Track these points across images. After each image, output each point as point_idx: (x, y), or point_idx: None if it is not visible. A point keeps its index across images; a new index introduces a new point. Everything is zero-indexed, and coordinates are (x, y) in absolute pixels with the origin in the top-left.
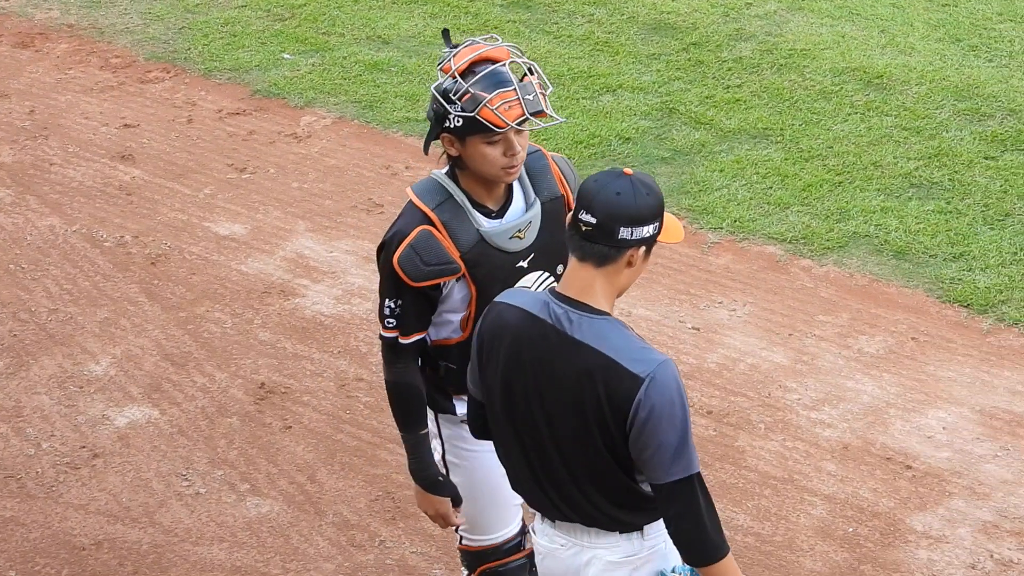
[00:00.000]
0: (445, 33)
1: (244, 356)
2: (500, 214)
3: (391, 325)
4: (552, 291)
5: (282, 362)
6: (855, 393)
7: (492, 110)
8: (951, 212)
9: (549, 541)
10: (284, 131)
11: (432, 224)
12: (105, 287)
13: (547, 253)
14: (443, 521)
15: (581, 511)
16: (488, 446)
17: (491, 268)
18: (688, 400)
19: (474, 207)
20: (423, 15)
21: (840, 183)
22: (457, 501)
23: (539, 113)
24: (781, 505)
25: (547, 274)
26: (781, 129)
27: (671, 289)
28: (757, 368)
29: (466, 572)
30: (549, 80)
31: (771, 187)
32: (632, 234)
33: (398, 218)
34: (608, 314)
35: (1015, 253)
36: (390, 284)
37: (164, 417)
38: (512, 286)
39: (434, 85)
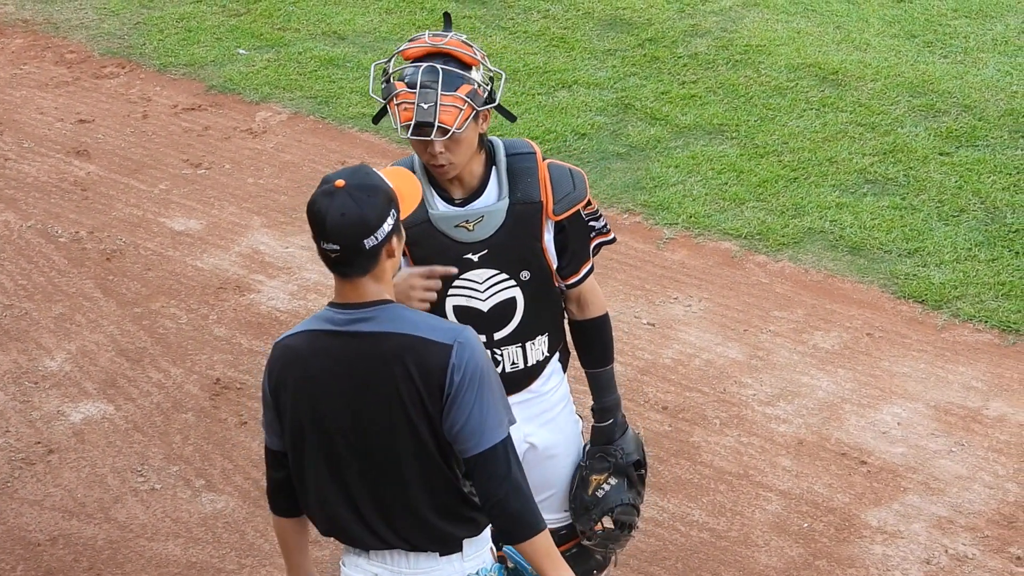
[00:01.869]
0: (446, 16)
1: (199, 352)
2: (465, 203)
3: None
4: (331, 305)
5: (237, 357)
6: (810, 389)
7: (396, 105)
8: (906, 208)
9: (362, 574)
10: (239, 127)
11: None
12: (60, 283)
13: (506, 254)
14: None
15: (405, 533)
16: None
17: (432, 251)
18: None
19: (436, 190)
20: (379, 11)
21: (795, 179)
22: None
23: (424, 124)
24: (736, 500)
25: (502, 275)
26: (736, 125)
27: (626, 285)
28: (712, 364)
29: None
30: (503, 82)
31: (726, 183)
32: (377, 238)
33: None
34: (392, 301)
35: (969, 249)
36: None
37: (119, 413)
38: (455, 277)
39: (377, 61)
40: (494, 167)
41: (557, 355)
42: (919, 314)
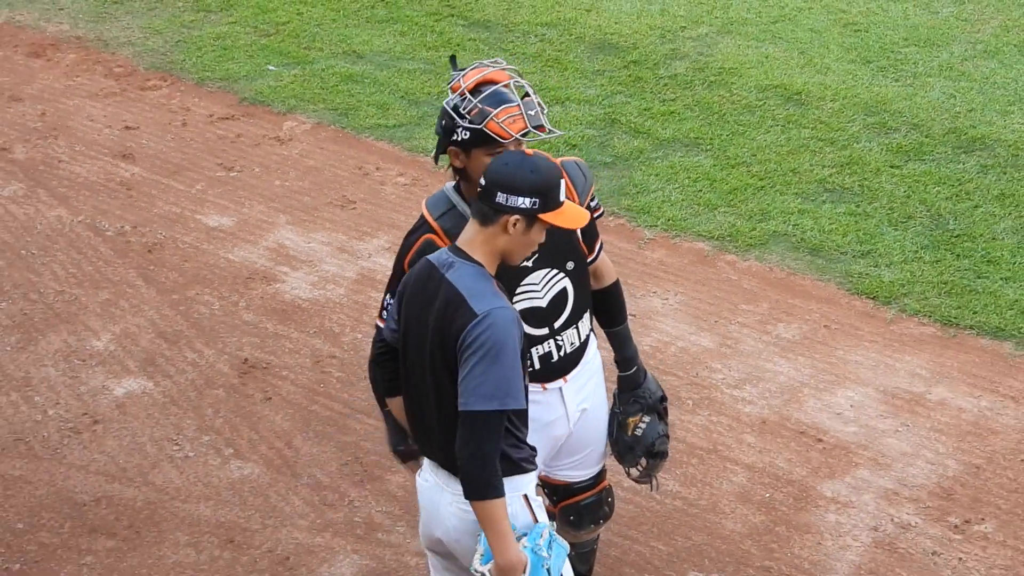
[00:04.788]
0: (452, 59)
1: (230, 335)
2: None
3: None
4: (452, 244)
5: (264, 340)
6: (773, 374)
7: (498, 123)
8: (860, 214)
9: (422, 479)
10: (268, 134)
11: (435, 233)
12: (106, 271)
13: (551, 252)
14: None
15: (439, 454)
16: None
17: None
18: (518, 352)
19: None
20: (393, 33)
21: (762, 187)
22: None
23: (539, 127)
24: (706, 473)
25: (555, 271)
26: (711, 139)
27: None
28: (686, 351)
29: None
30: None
31: (701, 190)
32: (507, 200)
33: (412, 227)
34: (482, 265)
35: (916, 251)
36: (397, 282)
37: (158, 388)
38: (517, 284)
39: (445, 101)
40: None
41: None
42: (871, 309)
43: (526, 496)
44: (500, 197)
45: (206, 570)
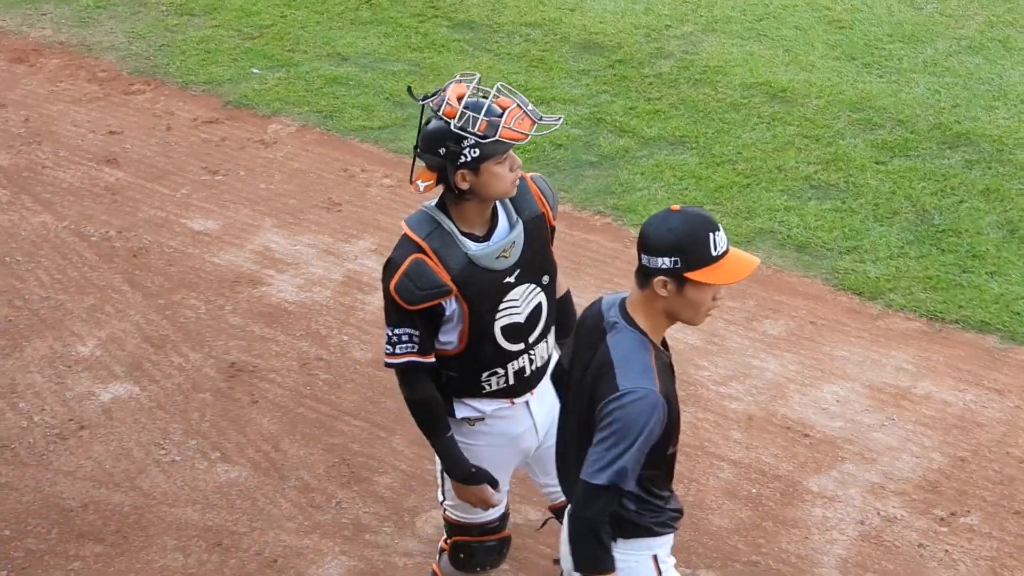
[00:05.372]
0: (410, 90)
1: (216, 338)
2: (486, 237)
3: (399, 350)
4: (624, 299)
5: (250, 344)
6: (759, 370)
7: (510, 128)
8: (846, 211)
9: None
10: (253, 138)
11: (423, 252)
12: (92, 277)
13: (531, 267)
14: (485, 505)
15: (574, 489)
16: (483, 440)
17: (480, 286)
18: (650, 438)
19: (461, 234)
20: (378, 35)
21: (748, 185)
22: (493, 484)
23: (540, 118)
24: (693, 469)
25: (534, 285)
26: (696, 137)
27: (597, 279)
28: (672, 348)
29: (444, 537)
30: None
31: (687, 188)
32: (649, 262)
33: (394, 249)
34: (644, 334)
35: (901, 247)
36: (391, 311)
37: (144, 393)
38: (501, 300)
39: (453, 126)
40: None
41: None
42: (857, 304)
43: (655, 557)
44: (644, 259)
45: (194, 574)
